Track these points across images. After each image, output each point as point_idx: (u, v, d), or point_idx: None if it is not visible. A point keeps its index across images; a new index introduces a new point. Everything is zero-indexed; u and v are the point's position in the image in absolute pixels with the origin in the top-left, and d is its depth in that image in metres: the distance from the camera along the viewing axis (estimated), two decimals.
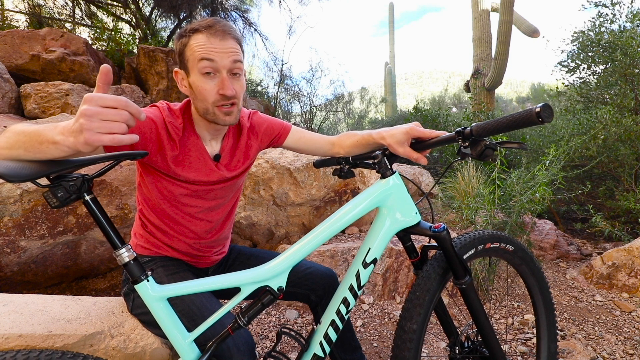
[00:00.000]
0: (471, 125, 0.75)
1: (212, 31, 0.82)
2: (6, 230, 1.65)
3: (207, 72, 0.82)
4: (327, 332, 0.86)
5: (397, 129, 0.86)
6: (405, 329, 0.85)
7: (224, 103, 0.84)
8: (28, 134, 0.59)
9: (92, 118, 0.53)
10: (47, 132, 0.57)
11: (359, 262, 0.87)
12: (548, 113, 0.63)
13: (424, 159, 0.86)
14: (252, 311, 0.78)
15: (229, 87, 0.82)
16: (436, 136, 0.83)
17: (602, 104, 3.72)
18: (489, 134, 0.72)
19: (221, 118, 0.86)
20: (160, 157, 0.89)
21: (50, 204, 0.62)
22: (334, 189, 2.61)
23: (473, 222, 2.37)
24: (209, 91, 0.83)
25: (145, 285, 0.72)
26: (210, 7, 6.07)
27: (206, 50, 0.81)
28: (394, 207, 0.87)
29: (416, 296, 0.87)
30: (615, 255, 2.29)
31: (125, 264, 0.71)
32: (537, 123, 0.64)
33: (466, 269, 0.90)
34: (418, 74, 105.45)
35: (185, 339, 0.76)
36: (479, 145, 0.74)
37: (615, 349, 1.68)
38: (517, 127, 0.68)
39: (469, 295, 0.92)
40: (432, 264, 0.91)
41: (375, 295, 2.06)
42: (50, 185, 0.63)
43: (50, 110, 3.08)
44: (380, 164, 0.88)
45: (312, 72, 8.11)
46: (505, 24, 5.96)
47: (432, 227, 0.88)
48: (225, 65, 0.82)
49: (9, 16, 5.41)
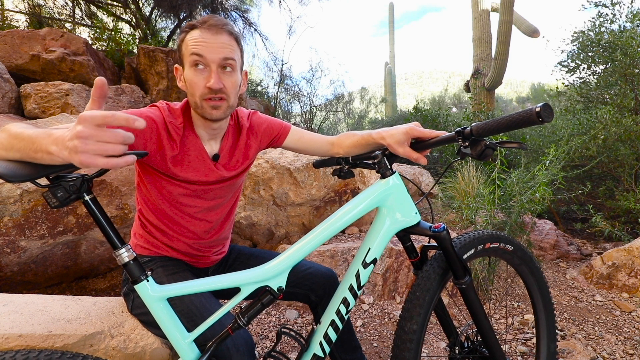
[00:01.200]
0: (471, 125, 0.75)
1: (206, 26, 0.83)
2: (6, 230, 1.65)
3: (196, 65, 0.83)
4: (327, 332, 0.87)
5: (396, 129, 0.87)
6: (405, 329, 0.85)
7: (212, 97, 0.84)
8: (23, 140, 0.58)
9: (87, 140, 0.51)
10: (41, 140, 0.56)
11: (358, 262, 0.87)
12: (548, 113, 0.63)
13: (424, 159, 0.86)
14: (251, 311, 0.78)
15: (216, 80, 0.83)
16: (436, 136, 0.83)
17: (602, 104, 3.71)
18: (489, 133, 0.72)
19: (208, 112, 0.86)
20: (159, 157, 0.89)
21: (50, 204, 0.62)
22: (334, 189, 2.61)
23: (473, 222, 2.37)
24: (198, 84, 0.84)
25: (145, 285, 0.72)
26: (210, 7, 6.07)
27: (197, 44, 0.82)
28: (393, 207, 0.87)
29: (416, 296, 0.87)
30: (615, 255, 2.29)
31: (125, 264, 0.71)
32: (537, 123, 0.64)
33: (466, 269, 0.90)
34: (418, 74, 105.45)
35: (185, 339, 0.76)
36: (479, 145, 0.74)
37: (615, 349, 1.68)
38: (517, 127, 0.68)
39: (469, 295, 0.92)
40: (431, 264, 0.91)
41: (375, 295, 2.06)
42: (49, 185, 0.63)
43: (50, 110, 3.08)
44: (380, 164, 0.88)
45: (312, 72, 8.12)
46: (505, 24, 5.96)
47: (432, 227, 0.88)
48: (214, 60, 0.83)
49: (9, 16, 5.41)
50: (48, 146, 0.55)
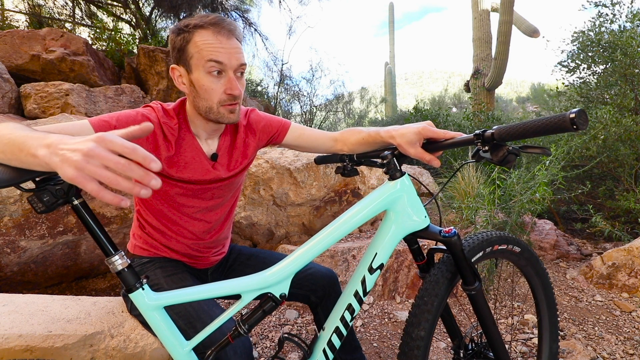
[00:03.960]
0: (492, 128, 0.69)
1: (219, 29, 0.81)
2: (6, 230, 1.65)
3: (216, 72, 0.81)
4: (331, 339, 0.83)
5: (407, 129, 0.81)
6: (412, 335, 0.81)
7: (230, 102, 0.84)
8: (10, 140, 0.54)
9: (92, 160, 0.46)
10: (31, 141, 0.51)
11: (364, 268, 0.83)
12: (583, 119, 0.58)
13: (437, 161, 0.80)
14: (253, 319, 0.75)
15: (237, 87, 0.82)
16: (451, 137, 0.78)
17: (602, 104, 3.71)
18: (513, 138, 0.66)
19: (226, 116, 0.85)
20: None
21: (36, 209, 0.58)
22: (334, 189, 2.61)
23: (473, 222, 2.37)
24: (216, 90, 0.82)
25: (140, 293, 0.69)
26: (210, 7, 6.07)
27: (215, 50, 0.80)
28: (402, 210, 0.82)
29: (424, 301, 0.83)
30: (615, 255, 2.29)
31: (118, 272, 0.67)
32: (570, 130, 0.58)
33: (476, 274, 0.86)
34: (418, 74, 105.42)
35: (184, 348, 0.73)
36: (501, 150, 0.68)
37: (615, 349, 1.68)
38: (547, 133, 0.62)
39: (478, 301, 0.89)
40: (440, 268, 0.87)
41: (375, 295, 2.06)
42: (35, 189, 0.59)
43: (50, 110, 3.08)
44: (389, 165, 0.83)
45: (312, 72, 8.13)
46: (505, 24, 5.96)
47: (442, 231, 0.84)
48: (233, 66, 0.82)
49: (9, 16, 5.41)
50: (36, 148, 0.50)
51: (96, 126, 0.76)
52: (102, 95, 3.52)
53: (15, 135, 0.54)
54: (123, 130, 0.53)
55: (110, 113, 0.82)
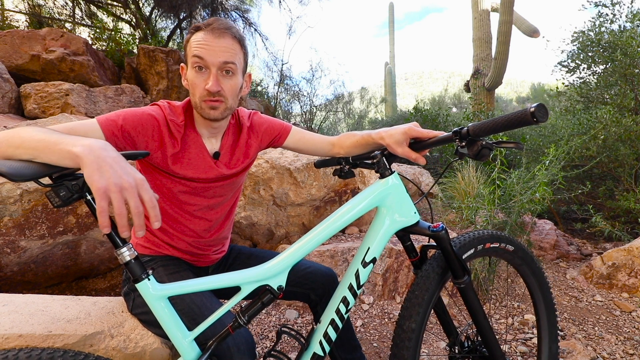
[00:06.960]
0: (468, 125, 0.75)
1: (210, 29, 0.85)
2: (6, 230, 1.65)
3: (198, 67, 0.86)
4: (327, 331, 0.87)
5: (395, 129, 0.88)
6: (404, 328, 0.85)
7: (209, 99, 0.87)
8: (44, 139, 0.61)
9: (123, 191, 0.56)
10: (68, 138, 0.60)
11: (358, 262, 0.87)
12: (542, 113, 0.64)
13: (423, 159, 0.87)
14: (252, 310, 0.78)
15: (215, 83, 0.85)
16: (434, 136, 0.84)
17: (602, 104, 3.72)
18: (486, 133, 0.73)
19: (206, 112, 0.89)
20: (160, 155, 0.91)
21: (53, 204, 0.62)
22: (334, 189, 2.61)
23: (473, 222, 2.37)
24: (198, 85, 0.87)
25: (146, 284, 0.72)
26: (210, 7, 6.08)
27: (199, 47, 0.84)
28: (392, 206, 0.88)
29: (415, 295, 0.88)
30: (615, 255, 2.29)
31: (126, 262, 0.71)
32: (532, 123, 0.65)
33: (465, 268, 0.90)
34: (418, 74, 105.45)
35: (186, 338, 0.76)
36: (476, 145, 0.75)
37: (615, 349, 1.68)
38: (513, 127, 0.69)
39: (468, 294, 0.93)
40: (431, 264, 0.92)
41: (375, 295, 2.06)
42: (52, 184, 0.63)
43: (50, 110, 3.08)
44: (379, 164, 0.89)
45: (312, 72, 8.12)
46: (505, 24, 5.96)
47: (430, 226, 0.89)
48: (215, 63, 0.85)
49: (9, 16, 5.41)
50: (73, 145, 0.58)
51: (104, 126, 0.80)
52: (102, 95, 3.52)
53: (49, 133, 0.62)
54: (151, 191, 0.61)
55: (117, 111, 0.86)
